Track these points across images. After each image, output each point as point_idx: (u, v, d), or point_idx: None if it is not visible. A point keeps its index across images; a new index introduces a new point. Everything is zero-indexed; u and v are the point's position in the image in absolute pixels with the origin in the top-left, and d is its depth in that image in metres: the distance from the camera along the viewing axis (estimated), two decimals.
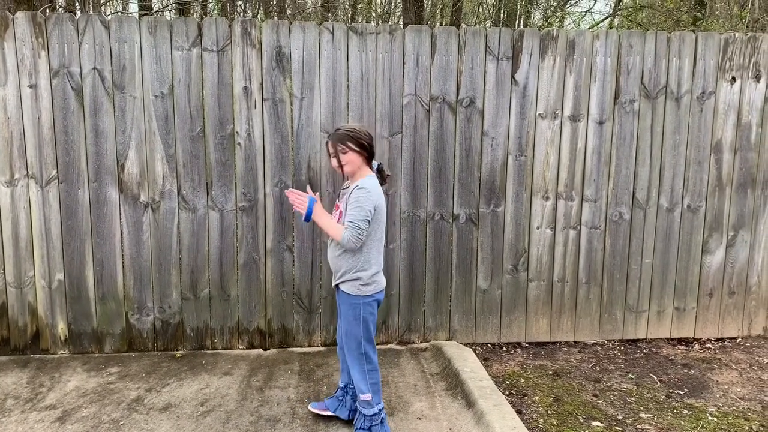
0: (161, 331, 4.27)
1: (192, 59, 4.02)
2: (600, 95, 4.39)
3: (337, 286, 3.13)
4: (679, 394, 3.83)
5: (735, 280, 4.73)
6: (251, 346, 4.38)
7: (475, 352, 4.33)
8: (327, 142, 3.09)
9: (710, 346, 4.71)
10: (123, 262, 4.17)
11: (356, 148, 3.01)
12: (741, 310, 4.79)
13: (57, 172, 4.01)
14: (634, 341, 4.73)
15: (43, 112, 3.95)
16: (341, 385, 3.35)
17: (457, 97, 4.27)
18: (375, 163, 3.13)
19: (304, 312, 4.38)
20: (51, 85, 3.93)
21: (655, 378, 4.06)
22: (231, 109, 4.10)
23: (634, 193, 4.52)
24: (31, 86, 3.92)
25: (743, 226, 4.65)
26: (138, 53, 3.97)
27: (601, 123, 4.42)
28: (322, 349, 4.41)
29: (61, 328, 4.19)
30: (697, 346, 4.70)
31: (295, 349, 4.39)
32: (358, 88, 4.17)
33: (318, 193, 3.25)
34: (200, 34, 4.00)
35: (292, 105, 4.14)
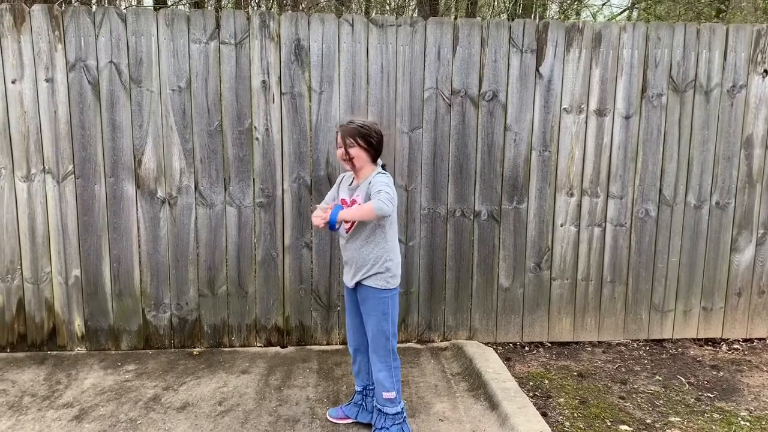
0: (178, 328, 4.22)
1: (209, 52, 3.94)
2: (626, 89, 4.26)
3: (358, 283, 3.04)
4: (709, 396, 3.72)
5: (765, 279, 4.60)
6: (269, 343, 4.32)
7: (496, 352, 4.24)
8: (336, 132, 3.07)
9: (738, 347, 4.58)
10: (140, 258, 4.12)
11: (364, 145, 2.99)
12: None
13: (73, 167, 3.97)
14: (660, 341, 4.61)
15: (60, 106, 3.90)
16: (358, 389, 3.27)
17: (479, 91, 4.17)
18: (380, 162, 3.09)
19: (323, 309, 4.31)
20: (67, 79, 3.88)
21: (683, 380, 3.95)
22: (249, 104, 4.02)
23: (660, 190, 4.40)
24: (47, 80, 3.87)
25: None
26: (155, 46, 3.91)
27: (627, 117, 4.29)
28: (340, 347, 4.33)
29: (78, 324, 4.15)
30: (725, 347, 4.58)
31: (313, 347, 4.33)
32: (378, 81, 4.08)
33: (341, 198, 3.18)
34: (218, 26, 3.93)
35: (310, 99, 4.06)
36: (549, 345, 4.53)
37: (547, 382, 3.86)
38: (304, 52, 4.00)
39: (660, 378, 3.97)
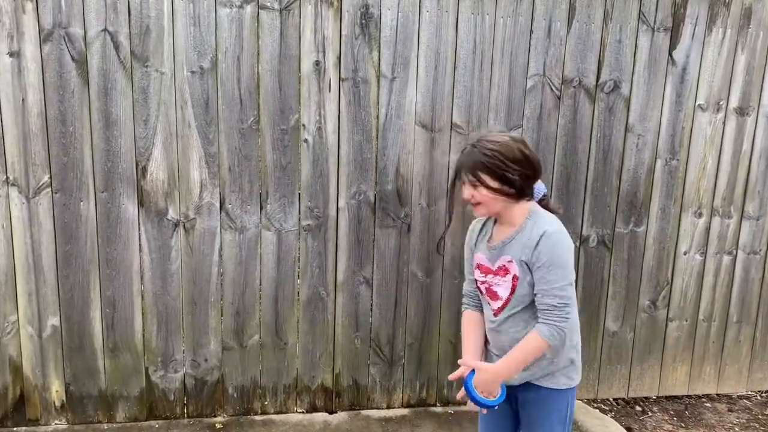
0: (194, 391, 3.15)
1: (244, 21, 2.84)
2: None
3: (527, 383, 2.04)
4: None
5: None
6: (313, 408, 3.29)
7: (605, 414, 3.32)
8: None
9: None
10: (143, 301, 3.03)
11: (493, 184, 1.93)
12: None
13: (50, 177, 2.83)
14: None
15: (30, 92, 2.75)
16: None
17: (597, 80, 3.18)
18: (540, 189, 2.06)
19: (384, 364, 3.30)
20: (41, 54, 2.73)
21: None
22: (296, 93, 2.94)
23: None
24: (11, 54, 2.71)
25: None
26: (168, 10, 2.78)
27: None
28: (405, 412, 3.34)
29: (56, 390, 3.04)
30: None
31: (370, 413, 3.32)
32: (468, 65, 3.05)
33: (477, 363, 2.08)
34: None
35: (379, 87, 3.00)
36: (656, 399, 3.63)
37: None
38: (373, 24, 2.93)
39: None
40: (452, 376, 2.10)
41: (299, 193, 3.05)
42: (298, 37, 2.89)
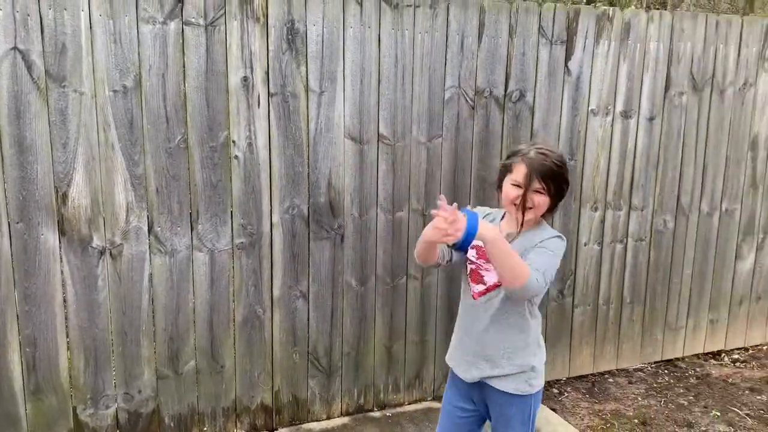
0: (128, 425, 2.99)
1: (168, 37, 2.75)
2: (651, 87, 3.77)
3: (488, 387, 2.15)
4: None
5: (762, 284, 4.42)
6: (253, 428, 3.24)
7: None
8: (507, 163, 2.07)
9: (738, 356, 4.37)
10: (68, 336, 2.83)
11: (553, 196, 2.02)
12: (765, 316, 4.50)
13: None
14: (671, 361, 4.25)
15: None
16: None
17: (505, 90, 3.42)
18: None
19: (322, 375, 3.32)
20: None
21: (739, 411, 3.58)
22: (225, 109, 2.90)
23: (678, 198, 3.99)
24: None
25: None
26: (85, 27, 2.63)
27: (651, 119, 3.81)
28: (345, 420, 3.38)
29: None
30: (726, 359, 4.34)
31: (311, 426, 3.32)
32: (391, 78, 3.16)
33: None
34: (181, 0, 2.75)
35: (308, 101, 3.03)
36: (566, 380, 3.96)
37: None
38: (299, 39, 2.96)
39: (718, 413, 3.55)
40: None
41: (231, 211, 3.00)
42: (224, 53, 2.85)
